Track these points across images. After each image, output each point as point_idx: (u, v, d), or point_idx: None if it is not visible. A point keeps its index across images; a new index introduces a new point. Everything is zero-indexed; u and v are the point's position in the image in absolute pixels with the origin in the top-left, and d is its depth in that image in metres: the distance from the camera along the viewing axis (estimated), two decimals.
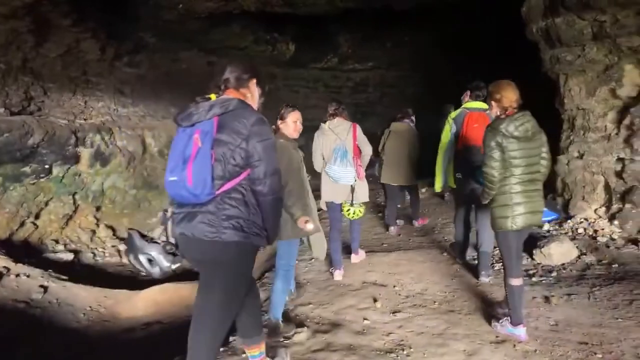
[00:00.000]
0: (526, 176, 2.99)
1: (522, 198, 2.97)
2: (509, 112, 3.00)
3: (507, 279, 3.10)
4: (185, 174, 1.95)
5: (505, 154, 2.94)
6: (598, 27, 5.02)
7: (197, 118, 2.03)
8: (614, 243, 4.89)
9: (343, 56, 14.35)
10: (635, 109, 5.14)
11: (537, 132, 3.01)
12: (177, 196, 2.05)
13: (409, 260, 4.79)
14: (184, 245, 2.13)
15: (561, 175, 5.93)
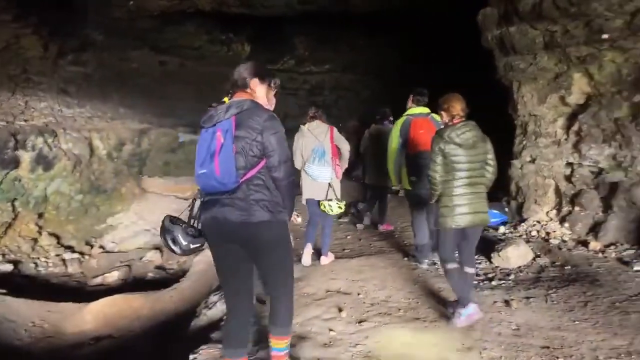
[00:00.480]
0: (468, 180, 3.27)
1: (463, 200, 3.25)
2: (455, 120, 3.32)
3: (444, 265, 3.47)
4: (213, 167, 2.23)
5: (448, 158, 3.24)
6: (549, 36, 5.20)
7: (217, 119, 2.31)
8: (565, 245, 5.09)
9: (299, 58, 14.29)
10: (583, 116, 5.37)
11: (479, 140, 3.29)
12: (208, 186, 2.33)
13: (371, 266, 4.76)
14: (215, 227, 2.36)
15: (515, 179, 6.12)
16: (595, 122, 5.26)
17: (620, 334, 3.16)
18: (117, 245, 9.76)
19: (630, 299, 3.66)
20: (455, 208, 3.25)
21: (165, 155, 13.84)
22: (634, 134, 4.87)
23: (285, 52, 13.92)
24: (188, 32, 11.92)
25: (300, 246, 5.29)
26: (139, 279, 9.59)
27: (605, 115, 5.15)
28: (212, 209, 2.35)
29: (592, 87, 5.25)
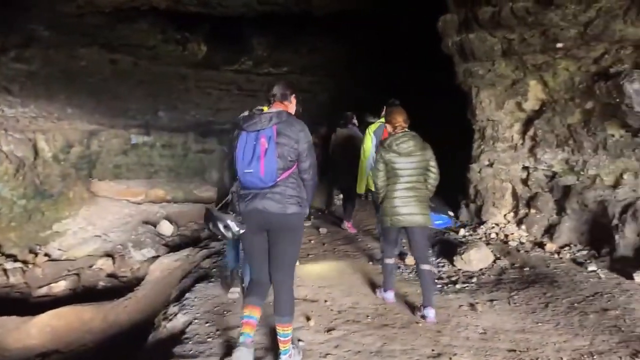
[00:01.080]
0: (407, 184, 3.62)
1: (402, 202, 3.61)
2: (397, 130, 3.71)
3: (384, 259, 3.95)
4: (259, 167, 2.65)
5: (389, 165, 3.63)
6: (507, 44, 5.35)
7: (261, 126, 2.69)
8: (523, 246, 5.24)
9: (258, 59, 14.10)
10: (538, 122, 5.56)
11: (419, 149, 3.63)
12: (251, 183, 2.72)
13: (338, 271, 4.71)
14: (255, 216, 2.76)
15: (473, 182, 6.25)
16: (549, 128, 5.46)
17: (581, 334, 3.26)
18: (64, 252, 9.23)
19: (587, 299, 3.80)
20: (395, 209, 3.62)
21: (117, 157, 13.27)
22: (585, 140, 5.08)
23: (243, 53, 13.69)
24: (141, 30, 11.48)
25: None
26: (89, 289, 9.10)
27: (559, 121, 5.35)
28: (254, 201, 2.76)
29: (547, 94, 5.44)
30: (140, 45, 12.12)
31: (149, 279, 6.95)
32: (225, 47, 13.29)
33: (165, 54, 12.73)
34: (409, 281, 4.56)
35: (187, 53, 12.93)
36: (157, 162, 13.92)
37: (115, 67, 12.51)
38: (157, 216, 12.19)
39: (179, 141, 14.13)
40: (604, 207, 4.78)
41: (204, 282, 4.71)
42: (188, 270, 6.20)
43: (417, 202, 3.61)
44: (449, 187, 7.38)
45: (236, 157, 2.73)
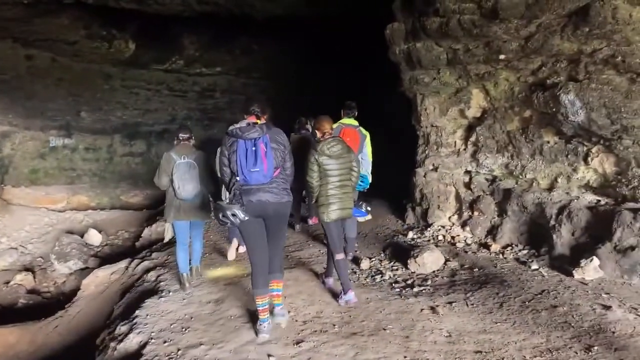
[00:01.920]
0: (338, 183, 4.07)
1: (335, 199, 4.06)
2: (326, 136, 4.13)
3: (333, 255, 4.17)
4: (263, 167, 3.35)
5: (322, 167, 4.03)
6: (452, 54, 5.57)
7: (258, 135, 3.38)
8: (469, 248, 5.48)
9: (189, 59, 13.56)
10: (480, 128, 5.86)
11: (345, 152, 4.10)
12: (255, 180, 3.39)
13: (295, 280, 4.63)
14: (258, 205, 3.44)
15: (419, 186, 6.45)
16: (490, 134, 5.77)
17: (537, 332, 3.44)
18: None
19: (536, 297, 4.03)
20: (330, 205, 4.05)
21: (33, 161, 12.31)
22: (523, 145, 5.42)
23: (174, 52, 13.11)
24: (62, 25, 10.59)
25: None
26: (8, 307, 8.27)
27: (499, 127, 5.67)
28: (257, 193, 3.43)
29: (488, 102, 5.75)
30: (60, 41, 11.19)
31: (83, 294, 6.43)
32: (154, 46, 12.64)
33: (88, 51, 11.85)
34: (367, 286, 4.60)
35: (113, 50, 12.11)
36: (80, 167, 13.11)
37: (31, 64, 11.48)
38: (83, 225, 11.38)
39: (104, 144, 13.38)
40: (541, 208, 5.12)
41: (154, 297, 4.43)
42: (129, 284, 5.81)
43: (347, 197, 4.13)
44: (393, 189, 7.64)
45: (238, 159, 3.37)
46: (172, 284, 4.84)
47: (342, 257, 4.14)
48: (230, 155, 3.43)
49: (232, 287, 4.51)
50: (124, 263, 6.67)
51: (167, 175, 4.52)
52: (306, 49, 13.01)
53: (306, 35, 12.31)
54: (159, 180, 4.68)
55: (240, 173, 3.37)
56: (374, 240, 6.12)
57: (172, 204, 4.62)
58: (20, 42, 10.84)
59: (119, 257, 9.49)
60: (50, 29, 10.49)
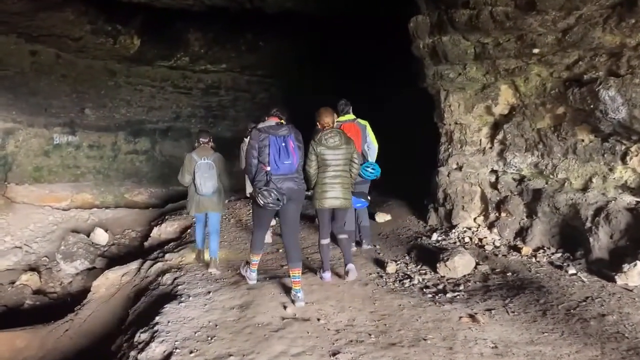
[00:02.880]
0: (334, 173, 4.30)
1: (329, 188, 4.30)
2: (326, 127, 4.35)
3: (319, 240, 4.54)
4: (292, 160, 3.96)
5: (319, 157, 4.28)
6: (481, 48, 5.35)
7: (287, 132, 4.00)
8: (499, 251, 5.25)
9: (195, 56, 13.38)
10: (508, 126, 5.62)
11: (344, 143, 4.31)
12: (287, 170, 3.98)
13: (320, 284, 4.41)
14: (287, 191, 3.96)
15: (442, 186, 6.22)
16: (519, 132, 5.54)
17: (589, 343, 3.22)
18: None
19: (580, 304, 3.81)
20: (324, 193, 4.30)
21: (37, 159, 12.11)
22: (555, 144, 5.19)
23: (179, 49, 12.90)
24: (67, 20, 10.39)
25: None
26: (14, 309, 8.05)
27: (528, 125, 5.44)
28: (285, 182, 3.99)
29: (518, 99, 5.51)
30: (64, 36, 10.99)
31: (93, 296, 6.20)
32: (159, 42, 12.46)
33: (93, 47, 11.67)
34: (397, 292, 4.37)
35: (118, 46, 11.94)
36: (84, 164, 12.92)
37: (35, 60, 11.30)
38: (88, 223, 11.15)
39: (108, 141, 13.19)
40: (575, 210, 4.89)
41: (173, 302, 4.19)
42: (143, 287, 5.58)
43: (342, 187, 4.32)
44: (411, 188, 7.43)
45: (270, 153, 3.93)
46: (191, 287, 4.62)
47: (327, 243, 4.52)
48: (262, 148, 3.97)
49: (256, 291, 4.28)
50: (135, 264, 6.45)
51: (189, 174, 5.16)
52: (312, 47, 12.83)
53: (313, 34, 12.12)
54: (182, 178, 5.27)
55: (272, 163, 3.94)
56: (396, 242, 5.89)
57: (193, 199, 5.26)
58: (24, 38, 10.64)
59: (127, 257, 9.28)
60: (55, 24, 10.30)
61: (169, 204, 11.80)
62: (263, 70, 14.52)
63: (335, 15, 10.29)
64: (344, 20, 10.74)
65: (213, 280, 4.78)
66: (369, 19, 9.95)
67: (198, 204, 5.21)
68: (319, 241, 4.54)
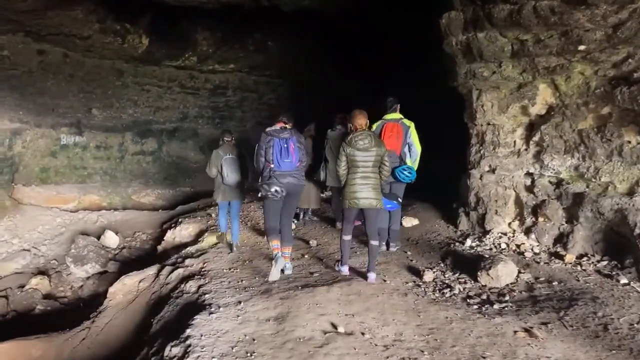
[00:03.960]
0: (362, 174, 4.44)
1: (358, 188, 4.44)
2: (358, 129, 4.50)
3: (342, 236, 4.78)
4: (292, 158, 4.66)
5: (349, 157, 4.46)
6: (519, 45, 5.09)
7: (288, 136, 4.71)
8: (539, 258, 5.00)
9: (203, 56, 13.19)
10: (546, 127, 5.37)
11: (374, 145, 4.42)
12: (288, 167, 4.69)
13: (358, 294, 4.15)
14: (286, 185, 4.64)
15: (474, 189, 5.97)
16: (557, 133, 5.29)
17: None
18: None
19: None
20: (352, 194, 4.46)
21: (44, 160, 11.89)
22: (599, 146, 4.94)
23: (187, 48, 12.72)
24: (76, 19, 10.19)
25: None
26: (24, 314, 7.81)
27: (568, 126, 5.19)
28: (287, 177, 4.65)
29: (557, 98, 5.26)
30: (73, 35, 10.79)
31: (110, 303, 5.94)
32: (167, 42, 12.28)
33: (101, 46, 11.49)
34: (439, 302, 4.12)
35: (126, 46, 11.75)
36: (91, 165, 12.73)
37: (42, 59, 11.11)
38: (97, 226, 10.92)
39: (115, 142, 13.01)
40: (622, 215, 4.65)
41: (204, 313, 3.94)
42: (164, 294, 5.33)
43: (371, 188, 4.43)
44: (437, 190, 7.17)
45: (274, 152, 4.64)
46: (218, 296, 4.37)
47: (348, 239, 4.76)
48: (267, 148, 4.69)
49: (290, 301, 4.03)
50: (153, 269, 6.20)
51: (216, 167, 5.93)
52: (324, 47, 12.62)
53: (325, 33, 11.92)
54: (210, 171, 6.09)
55: (275, 162, 4.65)
56: (427, 248, 5.64)
57: (219, 189, 6.03)
58: (32, 37, 10.44)
59: (139, 260, 9.03)
60: (64, 23, 10.11)
61: (179, 206, 11.57)
62: (271, 71, 14.36)
63: (352, 12, 10.06)
64: (359, 18, 10.53)
65: (242, 289, 4.53)
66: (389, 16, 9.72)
67: (224, 192, 6.00)
68: (340, 236, 4.80)
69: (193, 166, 14.60)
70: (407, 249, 5.58)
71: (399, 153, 5.29)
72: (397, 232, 5.61)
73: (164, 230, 9.40)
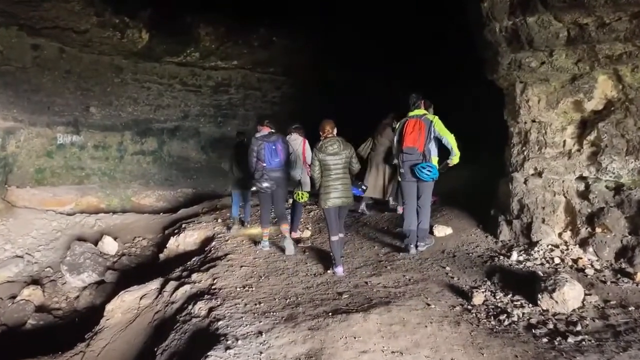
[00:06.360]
0: (335, 176, 4.84)
1: (332, 189, 4.83)
2: (326, 135, 4.93)
3: (330, 237, 4.99)
4: (280, 158, 5.70)
5: (322, 162, 4.84)
6: (578, 30, 4.43)
7: (275, 139, 5.73)
8: (603, 276, 4.33)
9: (205, 52, 12.66)
10: (604, 124, 4.71)
11: (343, 149, 4.85)
12: (277, 165, 5.70)
13: (402, 324, 3.49)
14: (275, 180, 5.67)
15: (517, 195, 5.30)
16: (619, 132, 4.63)
17: None
18: None
19: None
20: (328, 194, 4.84)
21: (39, 160, 11.36)
22: None
23: (189, 44, 12.17)
24: (72, 11, 9.63)
25: None
26: (15, 329, 7.16)
27: (632, 123, 4.53)
28: (275, 173, 5.69)
29: (619, 92, 4.60)
30: (69, 29, 10.21)
31: (108, 323, 5.28)
32: (168, 37, 11.75)
33: (99, 41, 10.94)
34: (499, 333, 3.45)
35: (125, 41, 11.19)
36: (89, 166, 12.26)
37: (37, 54, 10.58)
38: (94, 230, 10.28)
39: (114, 141, 12.56)
40: None
41: (218, 349, 3.28)
42: (168, 315, 4.68)
43: (343, 188, 4.86)
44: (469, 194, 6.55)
45: (265, 155, 5.63)
46: (234, 324, 3.71)
47: (337, 239, 4.96)
48: (259, 150, 5.65)
49: (322, 333, 3.37)
50: (155, 284, 5.56)
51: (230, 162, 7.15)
52: (333, 43, 12.04)
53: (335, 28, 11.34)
54: (226, 166, 7.17)
55: (267, 161, 5.63)
56: (467, 262, 4.97)
57: (234, 181, 7.23)
58: (26, 30, 9.86)
59: (139, 269, 8.38)
60: (59, 15, 9.57)
61: (182, 210, 10.96)
62: (275, 68, 13.90)
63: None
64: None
65: (261, 314, 3.87)
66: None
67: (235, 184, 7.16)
68: (329, 238, 5.02)
69: (195, 166, 14.07)
70: (445, 264, 4.92)
71: (422, 150, 5.19)
72: (425, 230, 5.36)
73: (166, 235, 8.78)
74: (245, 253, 5.82)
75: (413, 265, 4.96)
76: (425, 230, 5.39)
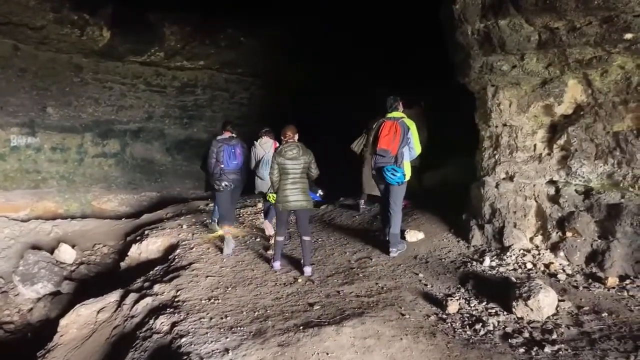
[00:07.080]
0: (292, 180, 4.96)
1: (289, 193, 4.96)
2: (286, 140, 5.05)
3: (276, 236, 5.26)
4: (238, 160, 6.07)
5: (280, 166, 4.97)
6: (548, 34, 4.40)
7: (235, 143, 6.11)
8: (575, 281, 4.30)
9: (171, 51, 12.29)
10: (574, 129, 4.71)
11: (302, 154, 4.96)
12: (234, 167, 6.08)
13: (377, 337, 3.33)
14: (234, 181, 6.07)
15: (489, 199, 5.26)
16: (588, 136, 4.64)
17: None
18: None
19: None
20: (284, 198, 4.96)
21: None
22: (638, 150, 4.32)
23: (153, 43, 11.79)
24: (27, 6, 9.15)
25: None
26: None
27: (601, 128, 4.54)
28: (232, 175, 6.04)
29: (589, 96, 4.60)
30: (23, 25, 9.71)
31: (61, 339, 4.92)
32: (131, 35, 11.35)
33: (56, 38, 10.48)
34: (475, 344, 3.34)
35: (85, 39, 10.75)
36: (46, 169, 11.70)
37: None
38: (51, 237, 9.73)
39: (74, 143, 12.03)
40: None
41: None
42: (127, 331, 4.38)
43: (300, 192, 4.97)
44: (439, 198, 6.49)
45: (224, 156, 5.96)
46: (199, 341, 3.47)
47: (282, 239, 5.27)
48: (218, 152, 5.97)
49: (292, 349, 3.17)
50: (115, 296, 5.23)
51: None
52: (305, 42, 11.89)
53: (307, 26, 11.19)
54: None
55: (225, 163, 5.95)
56: (440, 268, 4.87)
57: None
58: None
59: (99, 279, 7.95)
60: (13, 10, 9.10)
61: (145, 215, 10.52)
62: (243, 68, 13.66)
63: None
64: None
65: (227, 329, 3.64)
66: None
67: None
68: (275, 237, 5.35)
69: (159, 169, 13.64)
70: (418, 270, 4.81)
71: (395, 153, 5.18)
72: (396, 235, 5.32)
73: (128, 242, 8.37)
74: (211, 262, 5.55)
75: (386, 272, 4.83)
76: (396, 235, 5.33)
